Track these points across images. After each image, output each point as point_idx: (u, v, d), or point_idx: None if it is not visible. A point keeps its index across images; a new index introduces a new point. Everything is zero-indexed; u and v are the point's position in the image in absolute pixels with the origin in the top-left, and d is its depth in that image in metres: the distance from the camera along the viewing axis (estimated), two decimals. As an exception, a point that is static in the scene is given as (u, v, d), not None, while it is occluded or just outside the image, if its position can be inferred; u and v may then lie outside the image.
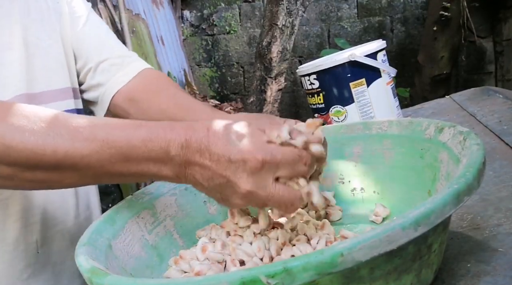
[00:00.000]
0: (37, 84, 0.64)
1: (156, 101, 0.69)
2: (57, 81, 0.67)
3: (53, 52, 0.68)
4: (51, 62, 0.67)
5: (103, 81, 0.73)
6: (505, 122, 0.77)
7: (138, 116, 0.70)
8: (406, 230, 0.30)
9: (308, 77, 0.87)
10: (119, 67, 0.73)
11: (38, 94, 0.64)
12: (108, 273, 0.35)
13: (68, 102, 0.69)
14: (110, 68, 0.73)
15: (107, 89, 0.72)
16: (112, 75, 0.72)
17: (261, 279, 0.28)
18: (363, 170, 0.59)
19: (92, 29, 0.74)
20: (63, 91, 0.68)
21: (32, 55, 0.64)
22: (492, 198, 0.52)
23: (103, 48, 0.74)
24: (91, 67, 0.73)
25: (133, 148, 0.42)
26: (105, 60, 0.73)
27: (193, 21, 3.47)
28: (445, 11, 2.62)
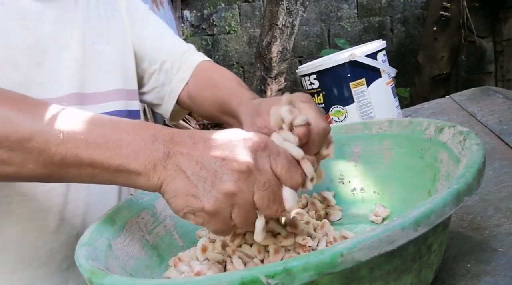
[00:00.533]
0: (89, 85, 0.67)
1: (205, 96, 0.74)
2: (110, 83, 0.71)
3: (109, 56, 0.71)
4: (106, 66, 0.71)
5: (167, 82, 0.77)
6: (505, 122, 0.77)
7: (198, 111, 0.77)
8: (406, 230, 0.30)
9: (308, 77, 0.87)
10: (178, 67, 0.77)
11: (90, 94, 0.67)
12: (108, 273, 0.35)
13: (119, 103, 0.72)
14: (171, 68, 0.77)
15: (172, 89, 0.77)
16: (174, 74, 0.77)
17: (261, 279, 0.28)
18: (363, 170, 0.59)
19: (151, 31, 0.78)
20: (116, 92, 0.72)
21: (88, 58, 0.68)
22: (492, 198, 0.52)
23: (163, 49, 0.78)
24: (155, 68, 0.77)
25: (119, 130, 0.41)
26: (166, 60, 0.77)
27: (193, 21, 3.47)
28: (445, 11, 2.62)
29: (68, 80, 0.64)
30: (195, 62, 0.78)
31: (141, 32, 0.77)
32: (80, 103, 0.66)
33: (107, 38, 0.72)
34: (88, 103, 0.67)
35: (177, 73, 0.77)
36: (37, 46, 0.62)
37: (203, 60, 0.79)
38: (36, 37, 0.62)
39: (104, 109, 0.69)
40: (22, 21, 0.61)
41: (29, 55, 0.61)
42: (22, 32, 0.61)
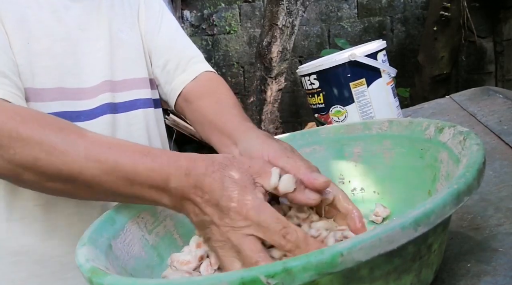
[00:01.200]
0: (118, 73, 0.70)
1: (200, 105, 0.72)
2: (135, 71, 0.73)
3: (133, 43, 0.74)
4: (131, 53, 0.73)
5: (169, 81, 0.77)
6: (505, 122, 0.77)
7: (190, 116, 0.75)
8: (406, 230, 0.30)
9: (308, 77, 0.87)
10: (182, 70, 0.77)
11: (119, 81, 0.70)
12: (108, 273, 0.35)
13: (145, 91, 0.74)
14: (176, 68, 0.77)
15: (173, 88, 0.77)
16: (176, 77, 0.77)
17: (261, 279, 0.28)
18: (363, 170, 0.59)
19: (165, 28, 0.79)
20: (141, 80, 0.74)
21: (115, 46, 0.70)
22: (492, 198, 0.52)
23: (172, 49, 0.78)
24: (159, 65, 0.77)
25: (137, 175, 0.45)
26: (172, 60, 0.77)
27: (193, 21, 3.47)
28: (445, 11, 2.62)
29: (99, 68, 0.67)
30: (201, 69, 0.78)
31: (154, 25, 0.78)
32: (112, 90, 0.68)
33: (131, 26, 0.74)
34: (118, 90, 0.70)
35: (180, 74, 0.77)
36: (69, 37, 0.64)
37: (208, 70, 0.79)
38: (67, 28, 0.64)
39: (133, 96, 0.72)
40: (55, 13, 0.64)
41: (64, 46, 0.64)
42: (56, 24, 0.64)
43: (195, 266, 0.47)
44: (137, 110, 0.73)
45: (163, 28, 0.78)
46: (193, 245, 0.50)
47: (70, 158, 0.46)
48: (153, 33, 0.77)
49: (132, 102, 0.72)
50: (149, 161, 0.45)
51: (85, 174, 0.46)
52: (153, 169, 0.44)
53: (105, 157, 0.46)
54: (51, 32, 0.63)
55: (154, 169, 0.44)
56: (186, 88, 0.76)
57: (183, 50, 0.79)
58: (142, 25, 0.77)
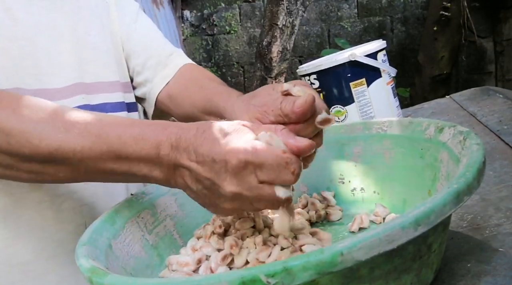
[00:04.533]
0: (88, 75, 0.68)
1: (187, 96, 0.72)
2: (105, 74, 0.71)
3: (102, 46, 0.71)
4: (99, 56, 0.70)
5: (149, 79, 0.76)
6: (505, 122, 0.77)
7: (177, 111, 0.74)
8: (406, 230, 0.30)
9: (308, 77, 0.87)
10: (163, 65, 0.76)
11: (90, 84, 0.68)
12: (108, 272, 0.35)
13: (117, 95, 0.72)
14: (156, 66, 0.76)
15: (153, 87, 0.76)
16: (157, 73, 0.76)
17: (261, 279, 0.28)
18: (363, 170, 0.59)
19: (141, 27, 0.77)
20: (111, 84, 0.71)
21: (83, 48, 0.67)
22: (492, 198, 0.52)
23: (150, 47, 0.77)
24: (139, 64, 0.76)
25: (124, 146, 0.42)
26: (151, 57, 0.76)
27: (193, 21, 3.47)
28: (445, 11, 2.62)
29: (67, 70, 0.65)
30: (180, 64, 0.77)
31: (130, 26, 0.76)
32: (85, 92, 0.66)
33: (99, 29, 0.71)
34: (90, 92, 0.67)
35: (161, 71, 0.76)
36: (26, 37, 0.61)
37: (188, 62, 0.79)
38: (24, 27, 0.61)
39: (106, 99, 0.70)
40: (8, 11, 0.60)
41: (21, 46, 0.60)
42: (11, 23, 0.60)
43: (194, 268, 0.47)
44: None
45: (139, 28, 0.77)
46: (189, 248, 0.50)
47: (46, 133, 0.43)
48: (129, 34, 0.76)
49: (101, 105, 0.69)
50: (137, 130, 0.43)
51: (65, 149, 0.43)
52: (142, 137, 0.42)
53: (87, 130, 0.43)
54: (5, 31, 0.59)
55: (143, 138, 0.42)
56: (169, 84, 0.75)
57: (162, 47, 0.78)
58: (116, 28, 0.75)
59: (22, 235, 0.58)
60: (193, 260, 0.47)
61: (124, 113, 0.73)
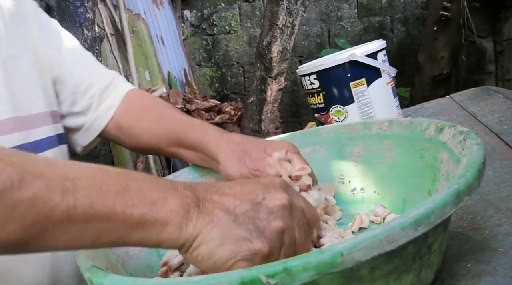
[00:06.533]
0: (21, 107, 0.58)
1: (144, 127, 0.66)
2: (37, 104, 0.61)
3: (28, 71, 0.61)
4: (29, 83, 0.61)
5: (92, 108, 0.67)
6: (505, 122, 0.77)
7: (130, 142, 0.68)
8: (406, 230, 0.30)
9: (308, 77, 0.87)
10: (108, 93, 0.68)
11: (24, 118, 0.58)
12: (108, 272, 0.35)
13: (49, 128, 0.62)
14: (100, 94, 0.68)
15: (98, 116, 0.67)
16: (102, 101, 0.68)
17: (261, 279, 0.28)
18: (363, 170, 0.59)
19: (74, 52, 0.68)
20: (43, 115, 0.61)
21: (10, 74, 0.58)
22: (492, 198, 0.52)
23: (88, 72, 0.68)
24: (77, 92, 0.67)
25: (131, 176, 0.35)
26: (93, 85, 0.68)
27: (193, 21, 3.47)
28: (445, 11, 2.62)
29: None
30: (125, 90, 0.70)
31: (58, 48, 0.67)
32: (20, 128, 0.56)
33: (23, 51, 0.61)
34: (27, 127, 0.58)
35: (106, 99, 0.68)
36: None
37: (133, 88, 0.71)
38: None
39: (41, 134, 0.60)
40: None
41: None
42: None
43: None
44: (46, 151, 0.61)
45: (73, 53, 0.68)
46: None
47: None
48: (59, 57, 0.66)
49: (38, 142, 0.59)
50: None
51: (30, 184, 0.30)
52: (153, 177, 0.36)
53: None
54: None
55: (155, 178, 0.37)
56: (117, 113, 0.68)
57: (100, 73, 0.70)
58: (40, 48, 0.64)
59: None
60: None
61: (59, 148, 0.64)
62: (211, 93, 3.50)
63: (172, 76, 3.07)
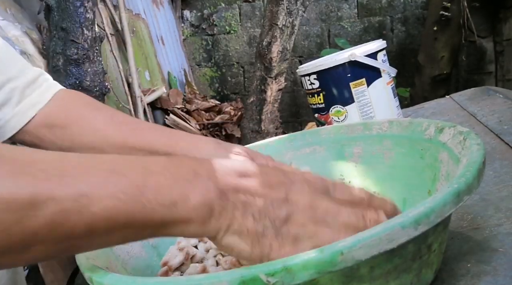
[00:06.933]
0: None
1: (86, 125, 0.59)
2: None
3: None
4: None
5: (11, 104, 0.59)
6: (505, 122, 0.77)
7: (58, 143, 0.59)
8: (406, 229, 0.30)
9: (308, 77, 0.87)
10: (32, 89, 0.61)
11: None
12: (108, 272, 0.35)
13: None
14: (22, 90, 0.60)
15: (17, 113, 0.59)
16: (24, 97, 0.60)
17: (261, 278, 0.28)
18: (363, 170, 0.59)
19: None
20: None
21: None
22: (492, 198, 0.52)
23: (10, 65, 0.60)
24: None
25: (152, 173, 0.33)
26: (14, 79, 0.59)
27: (193, 21, 3.47)
28: (445, 11, 2.62)
29: None
30: (54, 88, 0.62)
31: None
32: None
33: None
34: None
35: (29, 96, 0.60)
36: None
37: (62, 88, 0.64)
38: None
39: None
40: None
41: None
42: None
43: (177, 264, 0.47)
44: None
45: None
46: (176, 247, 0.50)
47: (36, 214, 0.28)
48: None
49: None
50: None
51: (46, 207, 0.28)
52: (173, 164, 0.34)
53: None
54: None
55: (175, 165, 0.34)
56: (45, 110, 0.60)
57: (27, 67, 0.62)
58: None
59: None
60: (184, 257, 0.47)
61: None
62: (211, 93, 3.50)
63: (172, 76, 3.07)
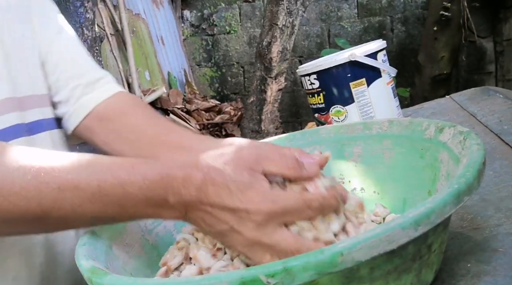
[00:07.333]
0: (20, 87, 0.59)
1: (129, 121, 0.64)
2: (36, 86, 0.62)
3: (29, 53, 0.63)
4: (29, 64, 0.62)
5: (72, 99, 0.66)
6: (505, 122, 0.77)
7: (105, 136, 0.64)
8: (406, 230, 0.30)
9: (308, 77, 0.87)
10: (93, 88, 0.67)
11: (23, 98, 0.59)
12: (108, 272, 0.35)
13: (48, 110, 0.64)
14: (85, 86, 0.66)
15: (77, 108, 0.65)
16: (86, 94, 0.66)
17: (261, 279, 0.28)
18: (363, 170, 0.59)
19: (66, 41, 0.68)
20: (42, 97, 0.63)
21: (9, 55, 0.59)
22: (492, 198, 0.52)
23: (78, 65, 0.67)
24: (61, 79, 0.66)
25: (129, 196, 0.39)
26: (79, 77, 0.66)
27: (193, 21, 3.47)
28: (445, 11, 2.62)
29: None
30: (114, 89, 0.68)
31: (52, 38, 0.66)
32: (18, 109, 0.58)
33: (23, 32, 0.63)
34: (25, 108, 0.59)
35: (90, 93, 0.66)
36: None
37: (123, 90, 0.69)
38: None
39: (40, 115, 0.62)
40: None
41: None
42: None
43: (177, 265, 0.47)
44: (43, 132, 0.62)
45: (66, 42, 0.67)
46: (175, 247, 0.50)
47: (35, 192, 0.38)
48: (51, 45, 0.66)
49: (37, 123, 0.61)
50: (140, 179, 0.39)
51: (62, 207, 0.38)
52: (148, 187, 0.39)
53: (84, 181, 0.39)
54: None
55: (149, 187, 0.39)
56: (99, 107, 0.65)
57: (93, 68, 0.69)
58: (36, 35, 0.65)
59: None
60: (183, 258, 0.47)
61: (57, 131, 0.65)
62: (211, 93, 3.50)
63: (172, 76, 3.07)
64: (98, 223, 0.44)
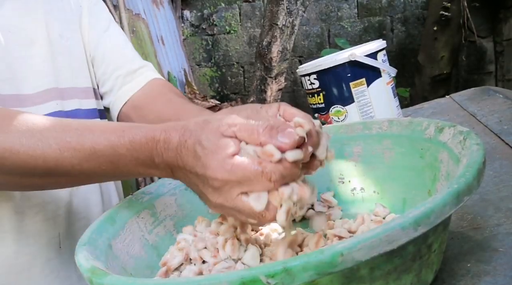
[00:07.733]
0: (63, 80, 0.67)
1: (154, 109, 0.71)
2: (79, 80, 0.70)
3: (75, 51, 0.70)
4: (73, 61, 0.69)
5: (115, 89, 0.74)
6: (505, 122, 0.77)
7: (140, 121, 0.71)
8: (406, 230, 0.30)
9: (308, 77, 0.87)
10: (132, 77, 0.75)
11: (64, 89, 0.67)
12: (108, 273, 0.35)
13: (89, 102, 0.72)
14: (124, 77, 0.74)
15: (118, 96, 0.74)
16: (125, 84, 0.74)
17: (261, 279, 0.28)
18: (363, 170, 0.59)
19: (112, 37, 0.76)
20: (84, 90, 0.71)
21: (56, 52, 0.66)
22: (492, 198, 0.52)
23: (120, 57, 0.75)
24: (106, 72, 0.74)
25: (120, 156, 0.44)
26: (120, 68, 0.74)
27: (193, 21, 3.47)
28: (445, 11, 2.62)
29: (40, 75, 0.64)
30: (150, 77, 0.76)
31: (100, 34, 0.74)
32: (59, 98, 0.65)
33: (72, 32, 0.71)
34: (65, 98, 0.67)
35: (129, 83, 0.75)
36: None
37: (158, 77, 0.77)
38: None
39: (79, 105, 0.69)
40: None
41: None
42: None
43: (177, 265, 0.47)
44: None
45: (110, 37, 0.75)
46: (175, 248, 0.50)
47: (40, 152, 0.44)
48: (98, 41, 0.74)
49: (75, 112, 0.69)
50: (128, 142, 0.43)
51: (63, 165, 0.44)
52: (135, 148, 0.43)
53: (80, 144, 0.44)
54: None
55: (136, 149, 0.43)
56: (135, 95, 0.74)
57: (132, 59, 0.76)
58: (85, 33, 0.73)
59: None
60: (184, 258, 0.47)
61: (97, 120, 0.73)
62: (211, 93, 3.50)
63: (172, 76, 3.07)
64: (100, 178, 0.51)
